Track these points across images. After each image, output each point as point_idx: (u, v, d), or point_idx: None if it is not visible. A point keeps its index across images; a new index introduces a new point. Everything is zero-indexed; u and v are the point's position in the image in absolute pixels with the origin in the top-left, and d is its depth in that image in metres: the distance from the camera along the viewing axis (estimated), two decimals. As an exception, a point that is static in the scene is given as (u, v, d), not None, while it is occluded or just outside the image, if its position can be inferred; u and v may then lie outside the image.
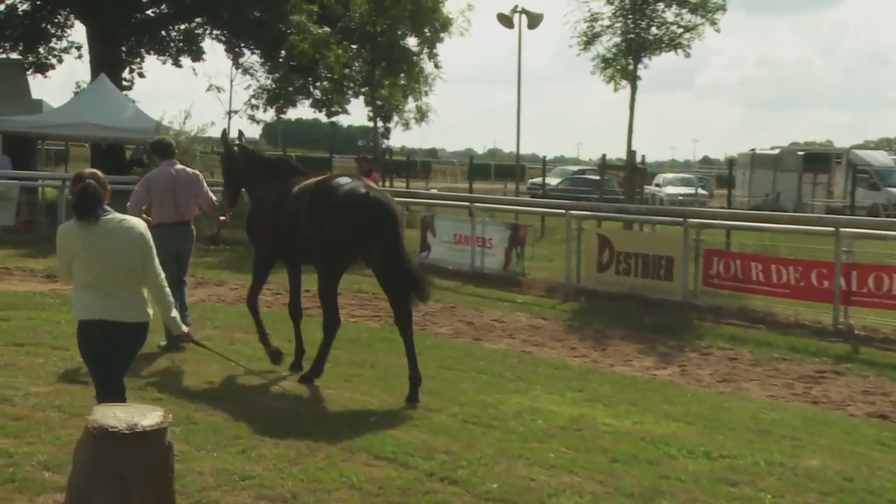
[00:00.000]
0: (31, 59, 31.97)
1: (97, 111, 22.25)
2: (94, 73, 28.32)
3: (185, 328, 5.45)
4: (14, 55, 31.86)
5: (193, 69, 33.45)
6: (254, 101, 34.47)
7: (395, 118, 29.38)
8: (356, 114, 74.48)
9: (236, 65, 34.80)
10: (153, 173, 9.20)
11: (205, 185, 9.18)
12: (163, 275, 5.09)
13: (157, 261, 5.02)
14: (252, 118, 35.14)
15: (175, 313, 5.22)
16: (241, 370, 7.91)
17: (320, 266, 7.66)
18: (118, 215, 5.03)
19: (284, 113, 35.04)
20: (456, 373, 8.37)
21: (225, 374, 7.77)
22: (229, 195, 9.05)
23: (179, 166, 9.13)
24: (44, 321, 9.39)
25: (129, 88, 34.20)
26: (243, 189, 8.89)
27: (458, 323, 11.32)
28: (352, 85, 30.38)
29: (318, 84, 33.68)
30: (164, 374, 7.70)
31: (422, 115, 28.59)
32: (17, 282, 12.81)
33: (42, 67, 32.45)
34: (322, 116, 38.12)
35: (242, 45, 34.06)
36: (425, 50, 27.65)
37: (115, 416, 3.69)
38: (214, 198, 9.34)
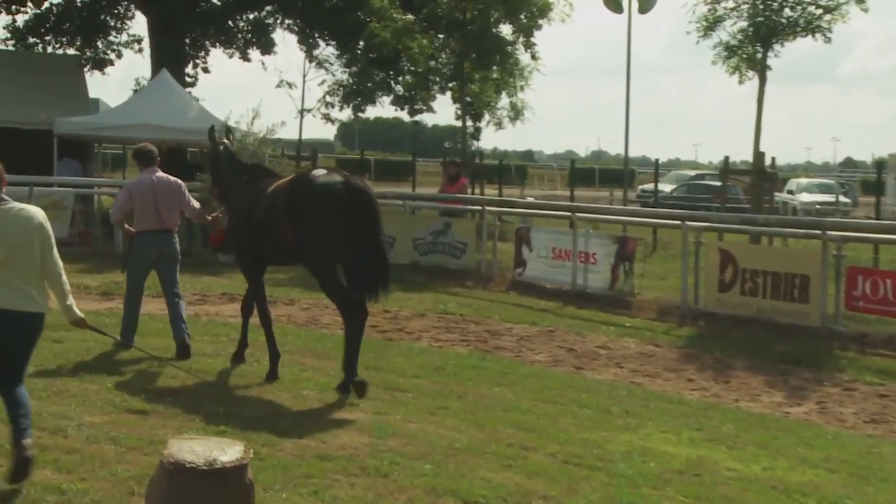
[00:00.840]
0: (88, 54, 33.07)
1: (158, 110, 22.88)
2: (155, 68, 29.16)
3: (78, 313, 6.10)
4: (71, 51, 33.09)
5: (263, 63, 34.39)
6: (328, 99, 34.83)
7: (487, 116, 29.52)
8: (442, 112, 75.10)
9: (310, 58, 35.19)
10: (134, 181, 10.31)
11: (187, 193, 10.15)
12: (60, 263, 5.79)
13: (55, 249, 5.68)
14: (326, 117, 35.50)
15: (71, 300, 5.93)
16: (314, 401, 8.03)
17: (312, 263, 8.46)
18: (17, 204, 5.63)
19: (362, 111, 35.28)
20: (555, 406, 8.32)
21: (296, 404, 7.89)
22: (219, 193, 10.00)
23: (161, 174, 10.09)
24: (99, 343, 9.66)
25: (193, 85, 35.07)
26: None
27: (558, 349, 11.27)
28: (438, 79, 30.58)
29: (400, 78, 33.98)
30: (227, 402, 7.85)
31: (517, 112, 28.65)
32: (89, 299, 13.25)
33: (100, 63, 33.50)
34: (404, 115, 38.40)
35: (317, 35, 34.57)
36: (521, 39, 27.73)
37: (193, 450, 3.73)
38: (197, 204, 10.36)
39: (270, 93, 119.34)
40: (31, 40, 33.21)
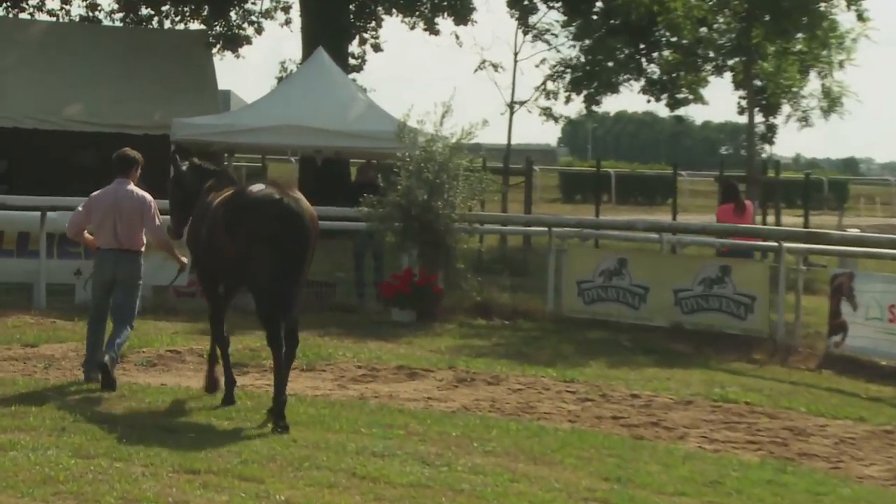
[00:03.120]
0: (217, 29, 34.29)
1: (310, 107, 23.50)
2: (308, 47, 30.12)
3: None
4: (195, 25, 34.47)
5: (457, 36, 34.04)
6: (550, 86, 34.88)
7: (786, 109, 29.00)
8: (718, 104, 74.08)
9: (524, 27, 35.16)
10: (95, 193, 12.45)
11: (153, 210, 12.22)
12: None
13: None
14: (547, 113, 35.54)
15: None
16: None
17: (250, 284, 11.13)
18: None
19: (598, 103, 35.15)
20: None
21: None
22: (174, 225, 12.38)
23: (131, 187, 12.21)
24: (227, 435, 9.96)
25: (359, 69, 36.03)
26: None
27: (902, 460, 10.84)
28: (711, 55, 30.27)
29: (654, 55, 33.83)
30: None
31: (832, 102, 27.98)
32: (189, 372, 13.73)
33: (233, 41, 34.67)
34: (660, 108, 38.21)
35: (534, -6, 34.69)
36: (840, -7, 27.06)
37: None
38: (159, 225, 12.38)
39: (468, 79, 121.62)
40: (145, 12, 34.69)
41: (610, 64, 33.25)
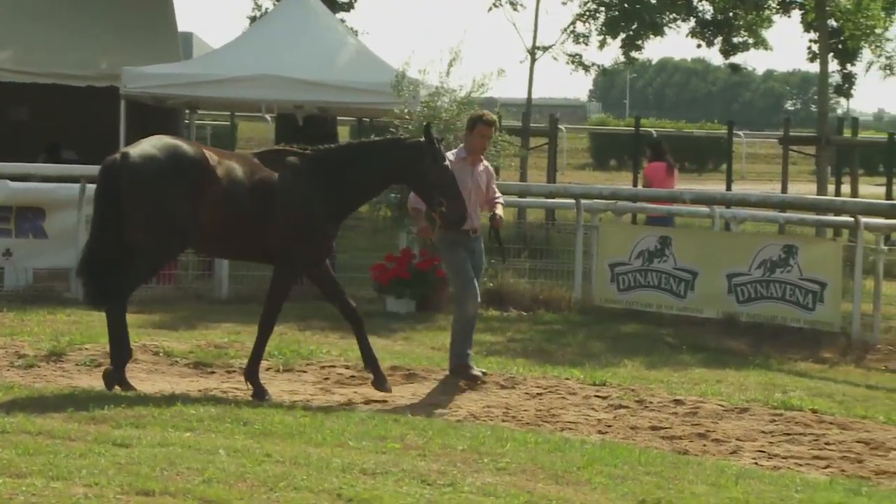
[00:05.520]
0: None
1: (289, 54, 23.46)
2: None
3: None
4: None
5: None
6: (580, 28, 34.87)
7: (867, 55, 28.97)
8: (784, 49, 73.75)
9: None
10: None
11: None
12: None
13: None
14: (577, 61, 35.55)
15: None
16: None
17: None
18: None
19: (639, 49, 35.16)
20: None
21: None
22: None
23: None
24: (188, 451, 9.95)
25: (350, 8, 35.99)
26: None
27: None
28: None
29: (705, -7, 33.81)
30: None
31: (924, 47, 27.92)
32: (142, 374, 13.76)
33: (196, -26, 34.86)
34: (714, 55, 38.36)
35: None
36: None
37: None
38: None
39: (481, 20, 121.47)
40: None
41: (653, 0, 33.24)
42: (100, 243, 12.33)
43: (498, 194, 14.20)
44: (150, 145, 12.34)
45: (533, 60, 34.93)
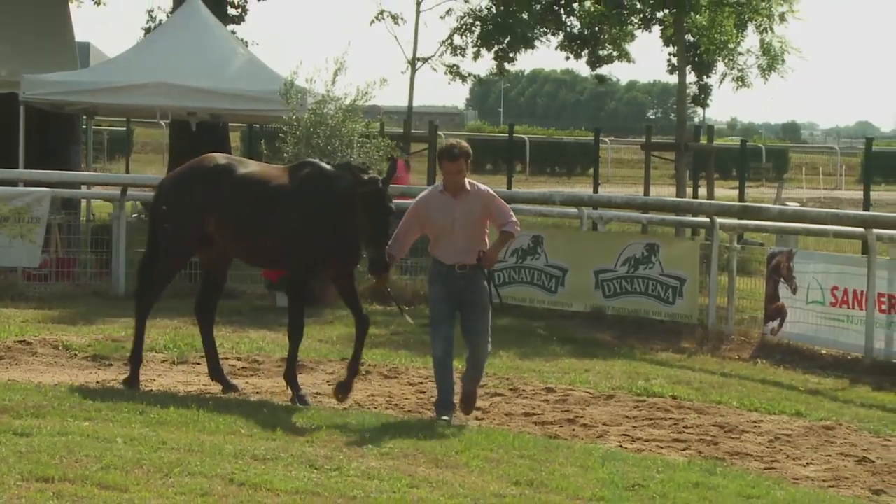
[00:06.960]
0: (73, -27, 33.92)
1: (182, 63, 23.29)
2: (178, -5, 29.89)
3: None
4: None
5: None
6: (457, 40, 34.97)
7: (721, 68, 29.31)
8: (645, 62, 74.19)
9: (427, -29, 35.30)
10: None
11: None
12: None
13: None
14: (454, 71, 35.65)
15: None
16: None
17: None
18: None
19: (511, 62, 35.32)
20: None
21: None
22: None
23: None
24: (87, 439, 9.89)
25: (240, 20, 35.72)
26: None
27: (841, 460, 11.09)
28: (638, 6, 30.51)
29: (574, 6, 33.98)
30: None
31: (772, 61, 28.28)
32: (42, 367, 13.66)
33: (92, -13, 34.32)
34: (581, 67, 38.59)
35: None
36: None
37: None
38: None
39: (363, 33, 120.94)
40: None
41: (524, 15, 33.36)
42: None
43: (511, 219, 12.42)
44: None
45: (413, 70, 35.21)
